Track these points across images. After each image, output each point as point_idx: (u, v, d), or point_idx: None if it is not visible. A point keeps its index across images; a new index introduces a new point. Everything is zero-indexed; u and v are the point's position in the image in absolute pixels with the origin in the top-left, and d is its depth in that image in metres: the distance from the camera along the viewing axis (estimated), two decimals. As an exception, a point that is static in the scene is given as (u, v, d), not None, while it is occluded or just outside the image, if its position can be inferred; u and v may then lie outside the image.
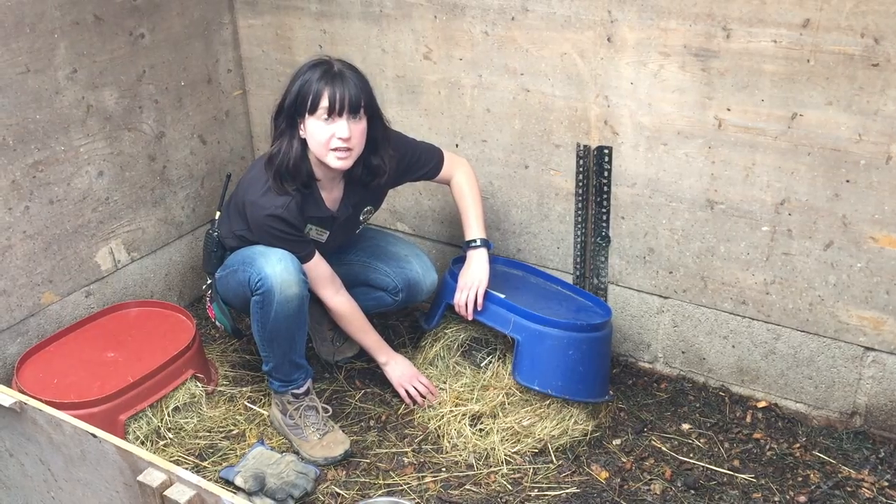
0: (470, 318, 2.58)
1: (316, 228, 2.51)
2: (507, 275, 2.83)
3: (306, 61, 2.37)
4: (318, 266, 2.51)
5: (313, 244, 2.50)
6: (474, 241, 2.61)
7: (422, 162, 2.63)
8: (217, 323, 2.72)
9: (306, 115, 2.30)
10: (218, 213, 2.69)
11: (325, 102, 2.26)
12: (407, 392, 2.67)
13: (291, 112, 2.32)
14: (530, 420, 2.54)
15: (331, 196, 2.50)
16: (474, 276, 2.57)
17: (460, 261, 2.70)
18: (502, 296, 2.58)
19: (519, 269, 2.88)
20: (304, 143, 2.36)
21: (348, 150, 2.32)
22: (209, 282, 2.70)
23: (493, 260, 2.82)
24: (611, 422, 2.63)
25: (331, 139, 2.29)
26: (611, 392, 2.68)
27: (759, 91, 2.31)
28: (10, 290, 2.63)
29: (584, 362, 2.53)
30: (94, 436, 1.60)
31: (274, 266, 2.35)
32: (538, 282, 2.83)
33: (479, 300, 2.55)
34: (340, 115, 2.27)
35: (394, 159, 2.49)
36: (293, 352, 2.49)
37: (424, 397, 2.66)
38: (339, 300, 2.60)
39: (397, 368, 2.69)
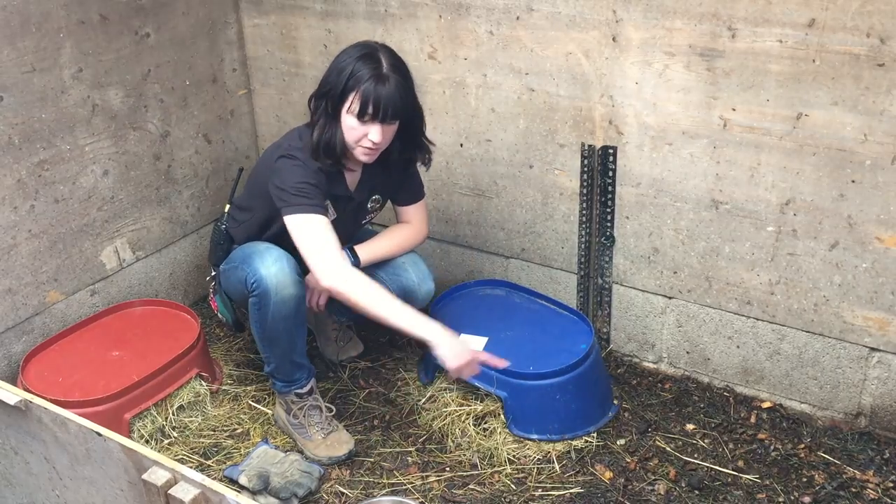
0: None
1: (332, 206, 2.51)
2: (487, 298, 2.87)
3: (355, 45, 2.34)
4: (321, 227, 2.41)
5: (327, 210, 2.46)
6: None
7: (409, 186, 2.64)
8: (219, 315, 2.73)
9: (345, 109, 2.31)
10: (227, 206, 2.69)
11: (368, 109, 2.26)
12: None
13: (335, 101, 2.32)
14: (534, 420, 2.55)
15: (351, 176, 2.52)
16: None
17: (438, 301, 2.78)
18: (481, 347, 2.59)
19: (501, 287, 2.92)
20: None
21: (375, 149, 2.36)
22: (213, 273, 2.71)
23: (474, 283, 2.91)
24: (615, 422, 2.63)
25: (362, 138, 2.32)
26: (615, 402, 2.67)
27: (764, 91, 2.31)
28: (16, 289, 2.64)
29: (576, 399, 2.53)
30: (99, 434, 1.60)
31: (269, 267, 2.35)
32: (521, 300, 2.85)
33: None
34: (375, 120, 2.29)
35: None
36: (293, 352, 2.49)
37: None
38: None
39: (451, 351, 2.30)
